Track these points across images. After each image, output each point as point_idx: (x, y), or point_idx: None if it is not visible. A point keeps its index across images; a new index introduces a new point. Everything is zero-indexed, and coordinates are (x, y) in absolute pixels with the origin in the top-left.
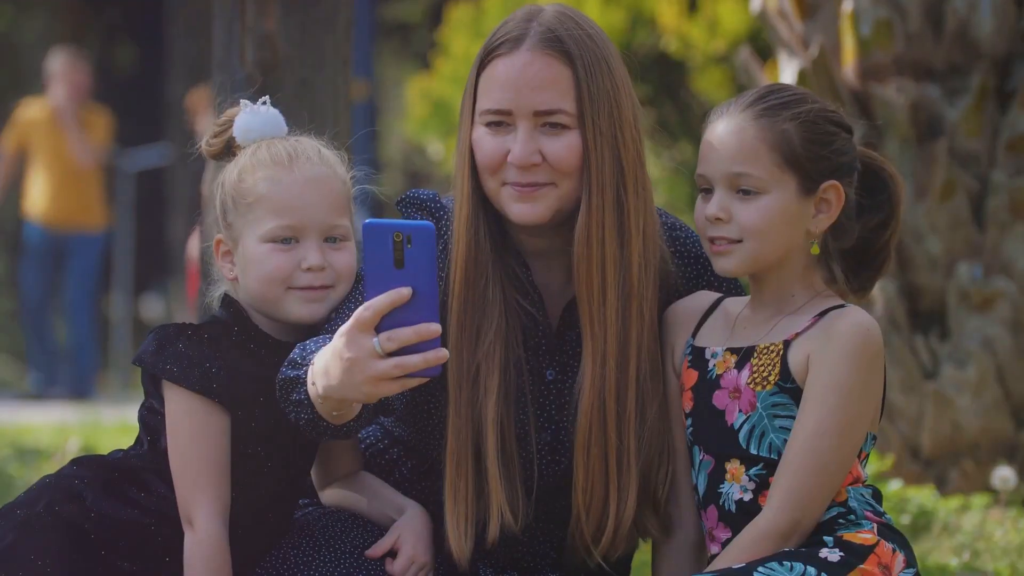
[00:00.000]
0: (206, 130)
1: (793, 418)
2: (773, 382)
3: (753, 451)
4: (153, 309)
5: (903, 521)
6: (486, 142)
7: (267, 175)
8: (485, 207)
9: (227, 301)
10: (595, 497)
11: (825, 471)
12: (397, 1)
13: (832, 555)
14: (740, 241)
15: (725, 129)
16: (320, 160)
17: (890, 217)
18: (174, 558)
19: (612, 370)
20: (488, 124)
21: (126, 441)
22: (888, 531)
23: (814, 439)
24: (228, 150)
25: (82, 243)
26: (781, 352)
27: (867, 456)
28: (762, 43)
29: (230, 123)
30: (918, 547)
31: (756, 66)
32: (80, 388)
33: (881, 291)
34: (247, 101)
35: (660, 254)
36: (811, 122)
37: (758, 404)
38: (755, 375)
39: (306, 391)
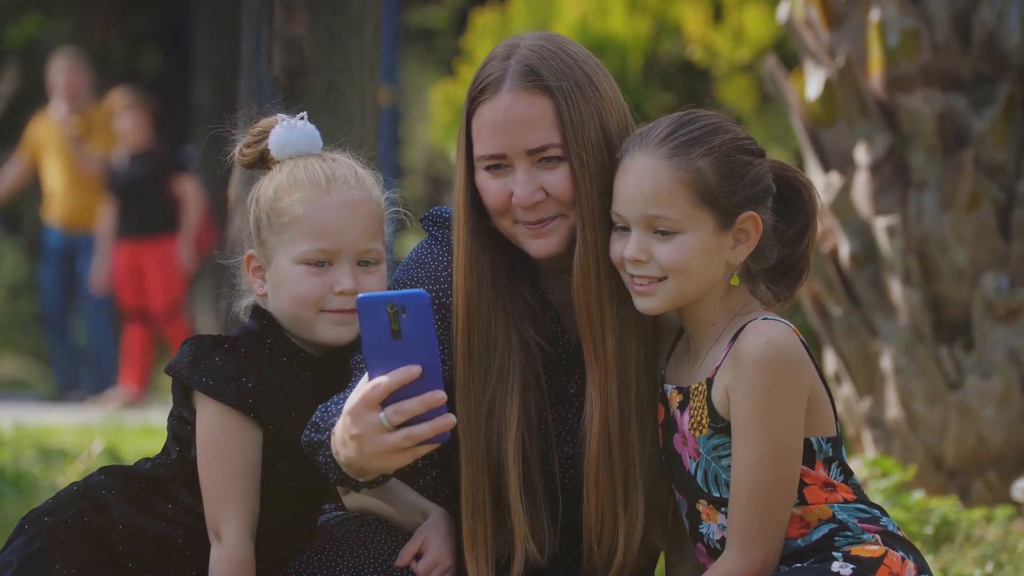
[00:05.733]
0: (239, 139)
1: None
2: (707, 425)
3: (715, 494)
4: None
5: (926, 532)
6: (490, 186)
7: (304, 197)
8: (486, 244)
9: (258, 313)
10: (605, 525)
11: (774, 499)
12: (422, 6)
13: (844, 569)
14: (663, 279)
15: (639, 170)
16: (357, 183)
17: (807, 226)
18: (200, 571)
19: (615, 399)
20: (488, 168)
21: (148, 443)
22: (892, 539)
23: (753, 473)
24: (262, 161)
25: (91, 245)
26: (706, 393)
27: (836, 460)
28: (788, 52)
29: (265, 134)
30: (940, 558)
31: (782, 75)
32: (101, 390)
33: (905, 301)
34: (283, 115)
35: None
36: (724, 156)
37: (701, 450)
38: (692, 420)
39: (331, 455)
